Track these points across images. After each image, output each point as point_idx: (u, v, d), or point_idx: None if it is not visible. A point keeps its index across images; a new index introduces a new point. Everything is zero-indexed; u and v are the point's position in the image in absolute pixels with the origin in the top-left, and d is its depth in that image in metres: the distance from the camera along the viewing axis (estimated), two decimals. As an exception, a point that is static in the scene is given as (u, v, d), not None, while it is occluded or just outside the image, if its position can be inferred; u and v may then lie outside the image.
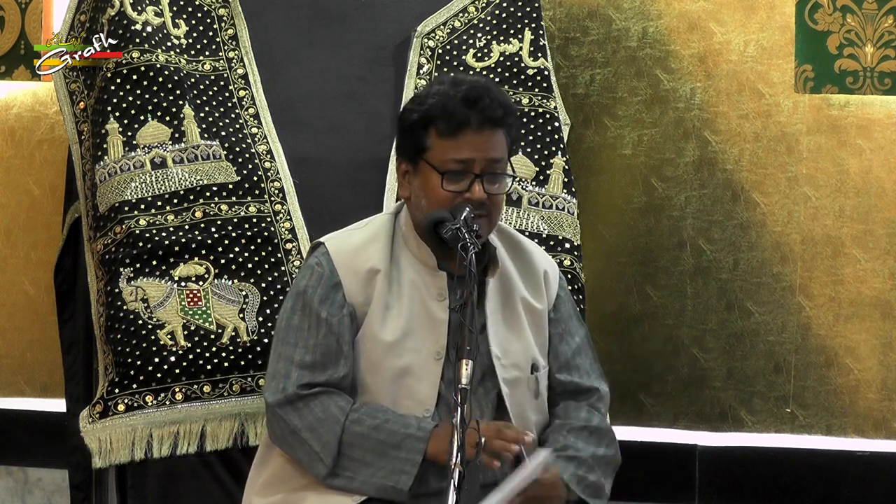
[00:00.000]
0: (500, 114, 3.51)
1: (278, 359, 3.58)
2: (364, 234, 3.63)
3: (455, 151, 3.49)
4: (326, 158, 4.35)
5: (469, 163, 3.49)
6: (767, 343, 5.04)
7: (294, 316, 3.59)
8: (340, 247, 3.61)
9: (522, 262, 3.70)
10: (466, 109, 3.48)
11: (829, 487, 4.97)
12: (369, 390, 3.54)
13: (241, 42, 4.45)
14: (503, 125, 3.52)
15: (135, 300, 4.05)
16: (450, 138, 3.50)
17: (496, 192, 3.52)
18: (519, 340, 3.62)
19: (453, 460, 3.11)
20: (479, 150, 3.49)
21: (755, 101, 5.06)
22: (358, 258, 3.58)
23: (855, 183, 5.00)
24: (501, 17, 4.56)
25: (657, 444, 5.05)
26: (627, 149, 5.13)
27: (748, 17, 5.06)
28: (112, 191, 4.18)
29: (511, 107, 3.57)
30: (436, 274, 3.57)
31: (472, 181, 3.49)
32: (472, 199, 3.49)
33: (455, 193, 3.49)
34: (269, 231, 4.17)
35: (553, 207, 4.34)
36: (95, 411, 4.00)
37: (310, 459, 3.50)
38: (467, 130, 3.49)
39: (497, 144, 3.52)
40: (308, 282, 3.59)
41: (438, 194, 3.50)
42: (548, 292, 3.71)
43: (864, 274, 4.99)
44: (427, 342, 3.53)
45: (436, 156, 3.51)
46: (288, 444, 3.54)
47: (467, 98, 3.49)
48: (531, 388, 3.62)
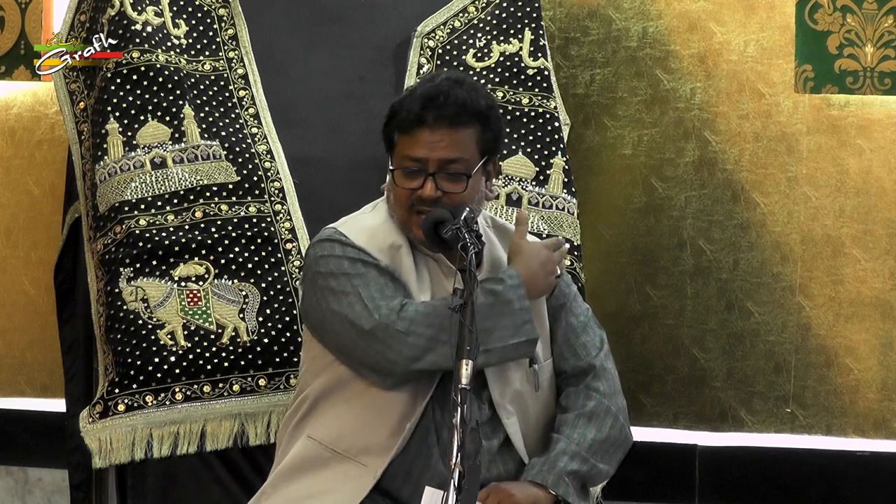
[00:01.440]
0: (453, 112, 3.50)
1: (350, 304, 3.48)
2: (372, 217, 3.64)
3: (410, 149, 3.52)
4: (326, 158, 4.35)
5: (423, 161, 3.51)
6: (767, 343, 5.04)
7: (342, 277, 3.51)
8: (354, 227, 3.60)
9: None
10: (421, 108, 3.50)
11: (829, 487, 4.97)
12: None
13: (241, 42, 4.45)
14: (462, 125, 3.52)
15: (135, 300, 4.05)
16: (407, 136, 3.53)
17: (454, 191, 3.52)
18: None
19: (453, 460, 3.11)
20: (431, 149, 3.50)
21: (755, 101, 5.06)
22: (376, 237, 3.57)
23: (855, 183, 5.00)
24: (501, 17, 4.56)
25: (657, 444, 5.05)
26: (627, 149, 5.13)
27: (748, 17, 5.06)
28: (112, 191, 4.18)
29: (473, 106, 3.53)
30: (437, 255, 3.59)
31: (424, 179, 3.51)
32: (422, 197, 3.50)
33: (410, 190, 3.52)
34: (269, 231, 4.17)
35: (553, 207, 4.34)
36: (95, 411, 4.00)
37: (444, 351, 3.43)
38: (423, 128, 3.51)
39: (454, 144, 3.51)
40: (332, 251, 3.54)
41: (397, 191, 3.55)
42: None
43: (864, 274, 4.99)
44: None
45: (397, 153, 3.55)
46: (431, 352, 3.45)
47: (424, 96, 3.52)
48: (531, 381, 3.61)
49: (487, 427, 3.55)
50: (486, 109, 3.56)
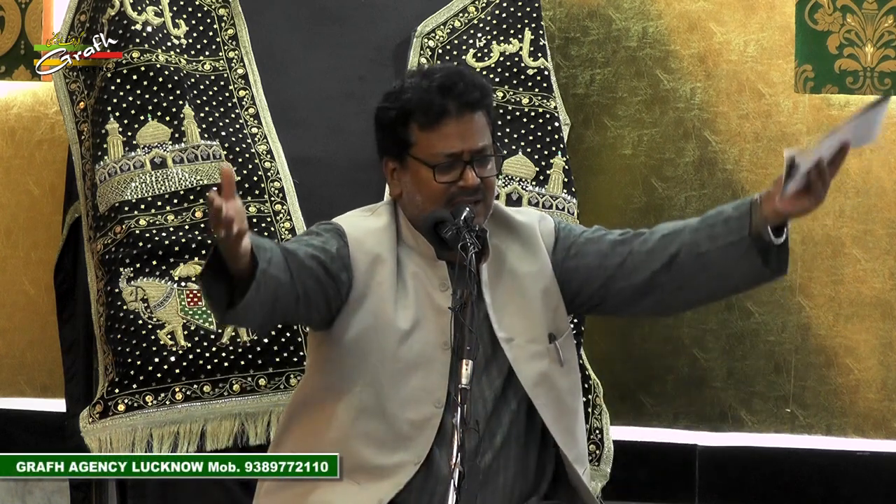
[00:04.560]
0: (478, 96, 3.49)
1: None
2: (373, 221, 3.59)
3: (441, 143, 3.47)
4: (326, 158, 4.35)
5: (457, 154, 3.47)
6: (767, 343, 5.04)
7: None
8: (353, 224, 3.58)
9: (518, 235, 3.62)
10: (443, 98, 3.46)
11: (829, 487, 4.97)
12: (379, 380, 3.47)
13: (241, 42, 4.45)
14: (482, 106, 3.51)
15: (135, 300, 4.05)
16: (432, 130, 3.47)
17: (488, 175, 3.50)
18: (527, 317, 3.55)
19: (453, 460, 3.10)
20: (464, 138, 3.47)
21: (755, 101, 5.06)
22: (368, 241, 3.54)
23: (855, 183, 5.00)
24: (501, 17, 4.56)
25: (657, 444, 5.05)
26: (627, 149, 5.13)
27: (748, 17, 5.06)
28: (112, 191, 4.18)
29: (486, 87, 3.54)
30: (436, 264, 3.53)
31: (463, 169, 3.47)
32: (466, 187, 3.46)
33: (449, 184, 3.47)
34: (269, 231, 4.17)
35: (553, 207, 4.34)
36: (95, 411, 4.00)
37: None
38: (448, 119, 3.47)
39: (480, 128, 3.50)
40: (318, 227, 3.57)
41: (432, 187, 3.48)
42: (545, 243, 3.61)
43: (864, 274, 4.99)
44: (434, 332, 3.49)
45: (422, 150, 3.48)
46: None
47: (442, 86, 3.47)
48: (554, 357, 3.56)
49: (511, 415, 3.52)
50: (489, 92, 3.57)
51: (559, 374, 3.56)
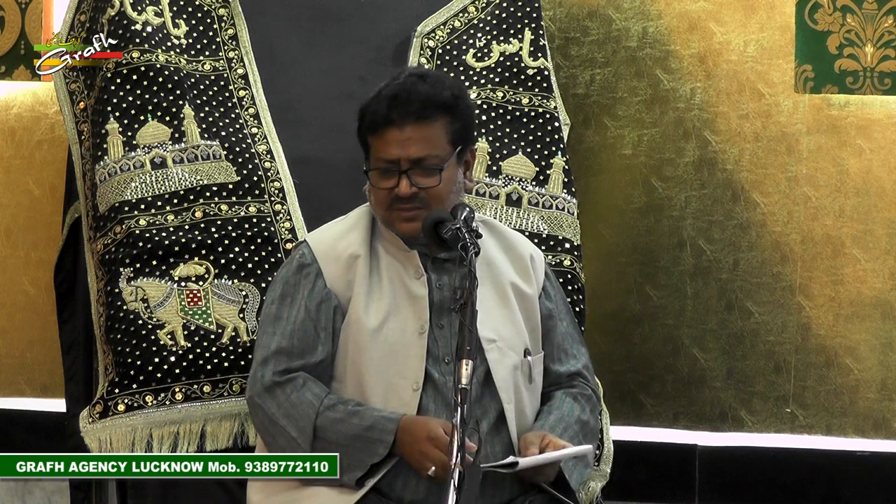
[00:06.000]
0: (417, 108, 3.54)
1: (258, 349, 3.64)
2: (343, 224, 3.71)
3: (382, 150, 3.57)
4: (326, 158, 4.35)
5: (395, 161, 3.55)
6: (767, 343, 5.04)
7: (272, 305, 3.65)
8: (320, 237, 3.70)
9: (508, 248, 3.74)
10: (387, 108, 3.55)
11: (829, 487, 4.97)
12: (359, 373, 3.56)
13: (241, 42, 4.46)
14: (428, 119, 3.55)
15: (135, 300, 4.05)
16: (377, 136, 3.58)
17: (429, 186, 3.55)
18: (512, 325, 3.65)
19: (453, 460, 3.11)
20: (403, 147, 3.54)
21: (755, 101, 5.06)
22: (337, 246, 3.64)
23: (855, 183, 5.00)
24: (501, 17, 4.56)
25: (657, 444, 5.05)
26: (627, 149, 5.13)
27: (748, 17, 5.06)
28: (112, 191, 4.18)
29: (438, 99, 3.56)
30: (408, 253, 3.63)
31: (399, 177, 3.55)
32: (398, 195, 3.55)
33: (387, 190, 3.57)
34: (269, 231, 4.17)
35: (553, 207, 4.34)
36: (95, 411, 4.00)
37: (289, 447, 3.53)
38: (391, 128, 3.56)
39: (423, 139, 3.55)
40: (287, 271, 3.67)
41: (376, 192, 3.61)
42: (536, 276, 3.74)
43: (864, 274, 4.99)
44: (410, 320, 3.58)
45: (372, 155, 3.61)
46: (269, 434, 3.58)
47: (389, 96, 3.56)
48: (525, 371, 3.63)
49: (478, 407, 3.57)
50: (451, 100, 3.59)
51: (526, 389, 3.64)
